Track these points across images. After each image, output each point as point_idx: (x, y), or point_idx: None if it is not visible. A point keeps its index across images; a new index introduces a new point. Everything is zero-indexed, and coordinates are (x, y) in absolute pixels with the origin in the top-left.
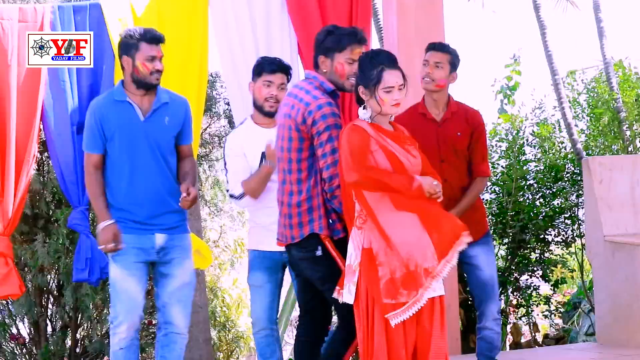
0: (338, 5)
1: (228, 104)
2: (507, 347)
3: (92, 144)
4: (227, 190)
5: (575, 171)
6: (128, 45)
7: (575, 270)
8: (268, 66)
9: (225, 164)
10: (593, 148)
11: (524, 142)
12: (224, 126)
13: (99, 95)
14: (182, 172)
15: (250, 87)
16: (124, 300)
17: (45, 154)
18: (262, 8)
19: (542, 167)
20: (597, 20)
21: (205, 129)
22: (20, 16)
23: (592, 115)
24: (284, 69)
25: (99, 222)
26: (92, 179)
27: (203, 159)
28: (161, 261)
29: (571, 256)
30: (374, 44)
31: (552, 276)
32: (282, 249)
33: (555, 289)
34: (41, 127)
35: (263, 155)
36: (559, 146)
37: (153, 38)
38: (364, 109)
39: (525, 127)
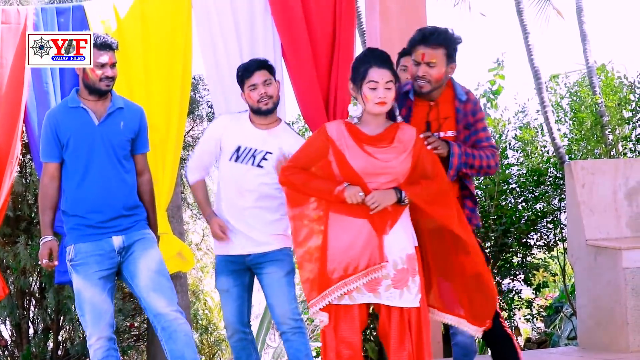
0: (322, 8)
1: (211, 106)
2: (489, 351)
3: (48, 153)
4: (185, 168)
5: (558, 175)
6: None
7: (557, 274)
8: (245, 71)
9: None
10: (575, 152)
11: (506, 146)
12: (206, 129)
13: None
14: (147, 208)
15: (243, 98)
16: (89, 310)
17: (28, 156)
18: (245, 10)
19: (524, 171)
20: (580, 24)
21: (188, 132)
22: (3, 18)
23: (574, 119)
24: (262, 65)
25: (41, 237)
26: (44, 191)
27: (185, 161)
28: (125, 259)
29: (553, 260)
30: (357, 47)
31: (534, 280)
32: (247, 252)
33: (537, 293)
34: (24, 129)
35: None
36: (541, 150)
37: (103, 44)
38: (354, 105)
39: (508, 130)
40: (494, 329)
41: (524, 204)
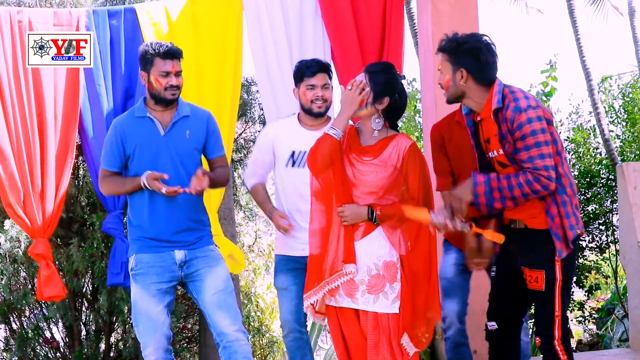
0: (371, 12)
1: (263, 108)
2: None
3: (110, 161)
4: (242, 173)
5: (610, 177)
6: (144, 60)
7: (609, 276)
8: (307, 70)
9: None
10: (628, 154)
11: None
12: (258, 131)
13: (122, 114)
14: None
15: (295, 93)
16: (145, 321)
17: (80, 157)
18: (296, 13)
19: (576, 173)
20: (632, 25)
21: (240, 134)
22: (55, 20)
23: (627, 120)
24: (324, 69)
25: (139, 182)
26: (108, 180)
27: (238, 163)
28: (188, 274)
29: (605, 262)
30: (408, 50)
31: (586, 282)
32: (307, 254)
33: (589, 295)
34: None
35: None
36: (593, 152)
37: (167, 53)
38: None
39: (561, 132)
40: (543, 350)
41: None
